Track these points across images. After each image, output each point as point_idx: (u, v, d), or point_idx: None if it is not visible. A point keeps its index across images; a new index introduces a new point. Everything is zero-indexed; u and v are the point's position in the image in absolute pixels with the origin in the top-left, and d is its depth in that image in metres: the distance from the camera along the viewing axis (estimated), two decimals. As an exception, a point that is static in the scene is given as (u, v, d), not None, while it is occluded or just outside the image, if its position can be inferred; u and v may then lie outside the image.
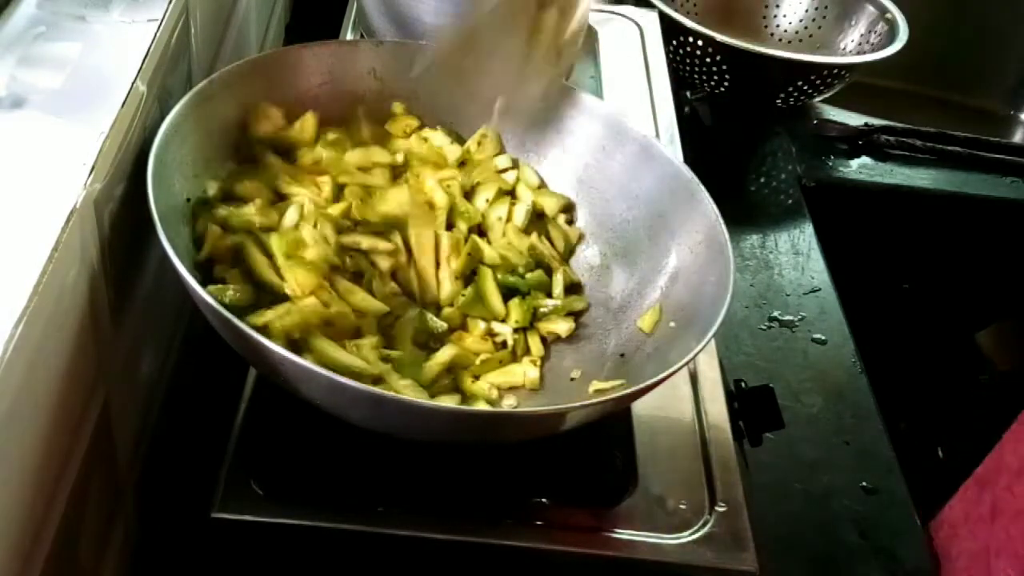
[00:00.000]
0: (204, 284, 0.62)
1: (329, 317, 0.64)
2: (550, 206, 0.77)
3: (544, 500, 0.64)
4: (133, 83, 0.57)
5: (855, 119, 1.27)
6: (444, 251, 0.72)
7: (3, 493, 0.44)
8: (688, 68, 1.16)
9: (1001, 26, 1.60)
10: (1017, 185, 1.24)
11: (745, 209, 1.07)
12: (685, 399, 0.72)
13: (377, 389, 0.59)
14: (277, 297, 0.64)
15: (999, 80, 1.64)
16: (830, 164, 1.19)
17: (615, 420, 0.68)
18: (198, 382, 0.76)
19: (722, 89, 1.16)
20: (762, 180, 1.13)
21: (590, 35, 1.06)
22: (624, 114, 0.78)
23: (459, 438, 0.62)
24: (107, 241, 0.55)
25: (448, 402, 0.65)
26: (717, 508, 0.65)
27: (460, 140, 0.79)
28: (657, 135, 0.94)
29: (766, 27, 1.29)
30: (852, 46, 1.26)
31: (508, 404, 0.67)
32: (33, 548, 0.48)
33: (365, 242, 0.70)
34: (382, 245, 0.70)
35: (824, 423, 0.83)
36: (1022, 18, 1.60)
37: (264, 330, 0.60)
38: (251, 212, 0.67)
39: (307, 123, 0.75)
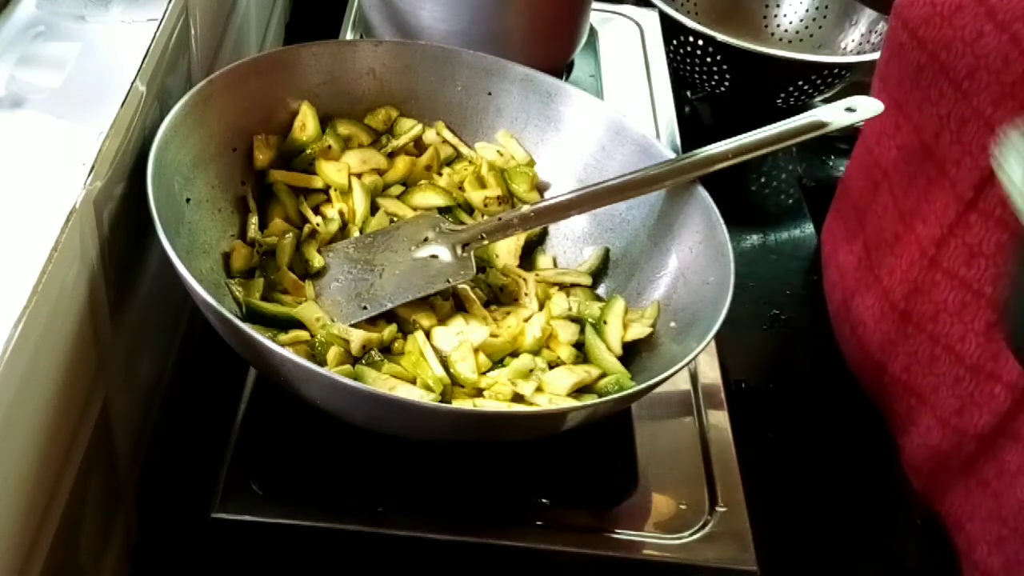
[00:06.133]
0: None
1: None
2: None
3: (545, 500, 0.64)
4: (133, 83, 0.57)
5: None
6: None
7: (3, 493, 0.44)
8: (688, 68, 1.16)
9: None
10: (1017, 185, 1.23)
11: (745, 209, 1.07)
12: (685, 399, 0.72)
13: (377, 389, 0.59)
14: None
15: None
16: (830, 164, 1.19)
17: (615, 420, 0.68)
18: (198, 382, 0.76)
19: (722, 89, 1.16)
20: (762, 180, 1.12)
21: (590, 35, 1.06)
22: (624, 114, 0.78)
23: (459, 438, 0.62)
24: (107, 241, 0.55)
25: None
26: (717, 508, 0.65)
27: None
28: (657, 135, 0.94)
29: (766, 27, 1.28)
30: (852, 46, 1.25)
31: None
32: (33, 548, 0.48)
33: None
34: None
35: (824, 423, 0.83)
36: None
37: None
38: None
39: (306, 118, 0.74)
